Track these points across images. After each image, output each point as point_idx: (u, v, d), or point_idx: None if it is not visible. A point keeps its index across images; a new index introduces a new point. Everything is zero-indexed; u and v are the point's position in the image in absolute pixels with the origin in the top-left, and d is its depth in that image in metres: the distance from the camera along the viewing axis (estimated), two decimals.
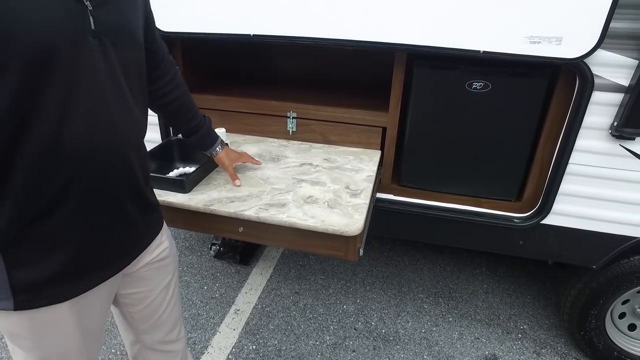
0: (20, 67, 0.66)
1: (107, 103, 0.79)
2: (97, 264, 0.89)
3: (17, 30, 0.64)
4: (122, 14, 0.82)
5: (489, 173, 1.66)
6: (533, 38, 1.32)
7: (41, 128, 0.71)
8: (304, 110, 1.81)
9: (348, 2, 1.41)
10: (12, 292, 0.79)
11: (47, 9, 0.68)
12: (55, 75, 0.70)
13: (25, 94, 0.68)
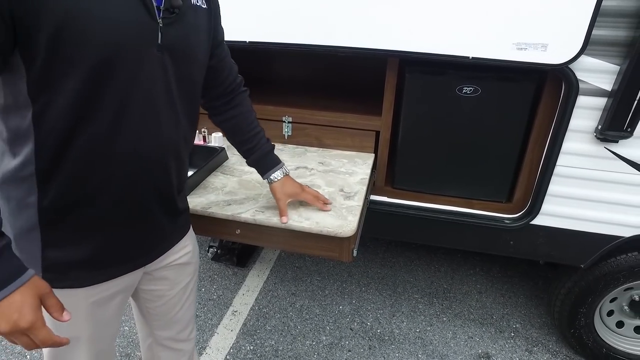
0: (90, 64, 0.71)
1: (158, 112, 0.85)
2: (120, 257, 0.94)
3: (92, 31, 0.69)
4: (188, 37, 0.87)
5: (480, 175, 1.70)
6: (520, 44, 1.36)
7: (96, 124, 0.77)
8: (299, 115, 1.85)
9: (341, 9, 1.45)
10: (42, 269, 0.85)
11: (122, 17, 0.73)
12: (117, 77, 0.75)
13: (89, 89, 0.73)
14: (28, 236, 0.83)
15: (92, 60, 0.71)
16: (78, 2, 0.67)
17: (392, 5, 1.40)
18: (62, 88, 0.72)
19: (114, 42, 0.72)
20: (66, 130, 0.75)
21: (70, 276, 0.88)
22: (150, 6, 0.77)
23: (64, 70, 0.70)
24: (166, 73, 0.84)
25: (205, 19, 0.95)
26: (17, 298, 0.70)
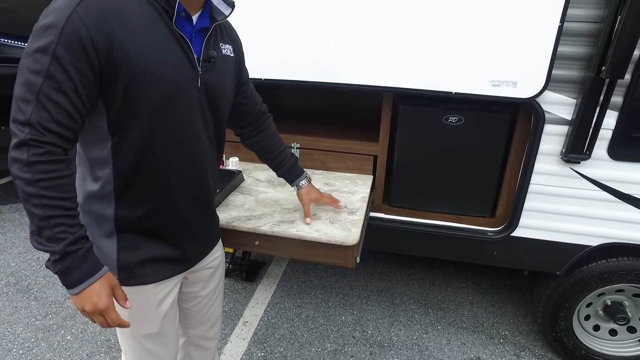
0: (151, 108, 0.94)
1: (199, 137, 1.08)
2: (175, 258, 1.15)
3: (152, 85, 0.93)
4: (219, 80, 1.11)
5: (466, 194, 1.94)
6: (494, 82, 1.63)
7: (157, 149, 0.99)
8: (306, 142, 2.09)
9: (344, 52, 1.72)
10: (117, 269, 1.05)
11: (174, 73, 0.96)
12: (170, 114, 0.98)
13: (152, 124, 0.96)
14: (107, 242, 1.04)
15: (153, 105, 0.94)
16: (144, 67, 0.90)
17: (387, 50, 1.67)
18: (132, 125, 0.95)
19: (168, 92, 0.96)
20: (137, 155, 0.98)
21: (139, 274, 1.08)
22: (193, 60, 1.00)
23: (133, 113, 0.93)
24: (203, 108, 1.07)
25: (232, 65, 1.19)
26: (97, 287, 0.92)
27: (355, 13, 1.65)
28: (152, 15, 0.92)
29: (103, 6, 0.84)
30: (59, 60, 0.81)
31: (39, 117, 0.82)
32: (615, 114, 1.60)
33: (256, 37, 1.77)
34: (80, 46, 0.82)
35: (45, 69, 0.81)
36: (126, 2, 0.89)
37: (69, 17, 0.81)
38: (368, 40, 1.67)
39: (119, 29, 0.86)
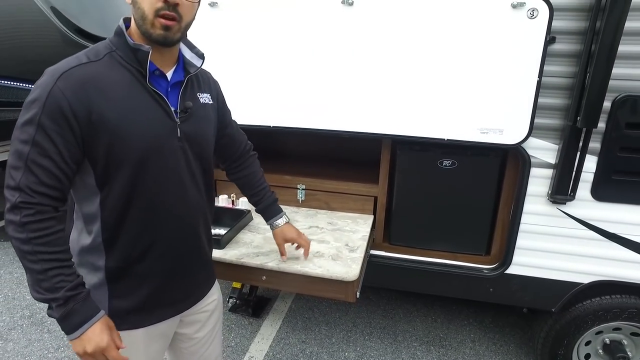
0: (134, 162, 1.03)
1: (183, 183, 1.14)
2: (166, 302, 1.20)
3: (132, 143, 1.01)
4: (199, 127, 1.18)
5: (462, 233, 2.05)
6: (483, 129, 1.78)
7: (141, 199, 1.07)
8: (311, 183, 2.24)
9: (346, 103, 1.90)
10: (110, 316, 1.09)
11: (153, 128, 1.05)
12: (152, 165, 1.06)
13: (135, 176, 1.04)
14: (99, 290, 1.11)
15: (134, 159, 1.03)
16: (121, 127, 0.99)
17: (385, 100, 1.84)
18: (117, 179, 1.03)
19: (148, 146, 1.04)
20: (122, 207, 1.06)
21: (130, 320, 1.13)
22: (170, 112, 1.08)
23: (117, 168, 1.02)
24: (186, 155, 1.13)
25: (211, 112, 1.26)
26: (97, 328, 1.01)
27: (356, 67, 1.84)
28: (127, 78, 1.02)
29: (80, 77, 0.96)
30: (43, 129, 0.93)
31: (27, 181, 0.93)
32: (595, 158, 1.74)
33: (265, 88, 1.97)
34: (61, 115, 0.93)
35: (32, 138, 0.92)
36: (102, 70, 1.00)
37: (51, 91, 0.93)
38: (368, 91, 1.86)
39: (96, 96, 0.96)
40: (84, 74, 0.97)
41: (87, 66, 0.99)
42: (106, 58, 1.02)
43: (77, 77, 0.96)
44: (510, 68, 1.69)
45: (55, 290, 0.95)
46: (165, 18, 0.99)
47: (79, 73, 0.97)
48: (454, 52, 1.72)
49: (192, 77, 1.18)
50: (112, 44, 1.05)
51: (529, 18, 1.62)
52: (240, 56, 1.96)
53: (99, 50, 1.04)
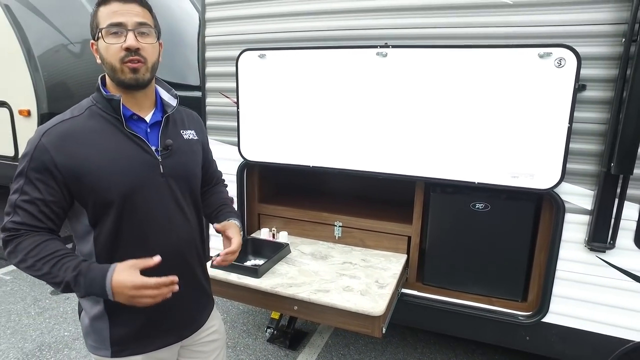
0: (120, 201, 1.11)
1: (170, 217, 1.21)
2: (164, 331, 1.25)
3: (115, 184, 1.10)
4: (182, 162, 1.24)
5: (496, 276, 2.03)
6: (513, 173, 1.82)
7: (131, 234, 1.15)
8: (347, 221, 2.35)
9: (380, 146, 2.02)
10: (110, 344, 1.19)
11: (134, 169, 1.13)
12: (138, 201, 1.14)
13: (122, 213, 1.12)
14: (100, 321, 1.19)
15: (119, 199, 1.11)
16: (101, 171, 1.08)
17: (419, 144, 1.94)
18: (106, 217, 1.12)
19: (130, 186, 1.12)
20: (113, 243, 1.14)
21: (130, 347, 1.20)
22: (151, 151, 1.16)
23: (104, 208, 1.11)
24: (171, 189, 1.20)
25: (197, 146, 1.33)
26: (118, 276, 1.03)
27: (390, 113, 1.98)
28: (106, 126, 1.13)
29: (61, 132, 1.08)
30: (29, 179, 1.06)
31: (12, 222, 1.07)
32: (637, 206, 1.69)
33: (306, 131, 2.15)
34: (44, 166, 1.06)
35: (21, 187, 1.07)
36: (83, 123, 1.12)
37: (36, 146, 1.06)
38: (402, 135, 1.97)
39: (75, 146, 1.08)
40: (65, 129, 1.10)
41: (69, 121, 1.12)
42: (87, 112, 1.15)
43: (58, 132, 1.09)
44: (540, 114, 1.73)
45: (64, 274, 1.05)
46: (131, 62, 1.11)
47: (60, 129, 1.10)
48: (485, 99, 1.80)
49: (173, 116, 1.27)
50: (93, 99, 1.18)
51: (557, 67, 1.68)
52: (285, 101, 2.18)
53: (82, 106, 1.17)
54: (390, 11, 1.95)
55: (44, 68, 3.20)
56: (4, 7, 3.26)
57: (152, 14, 1.20)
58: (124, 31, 1.10)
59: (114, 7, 1.11)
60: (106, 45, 1.11)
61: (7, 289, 3.37)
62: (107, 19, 1.11)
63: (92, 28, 1.15)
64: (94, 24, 1.14)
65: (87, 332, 1.24)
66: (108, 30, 1.10)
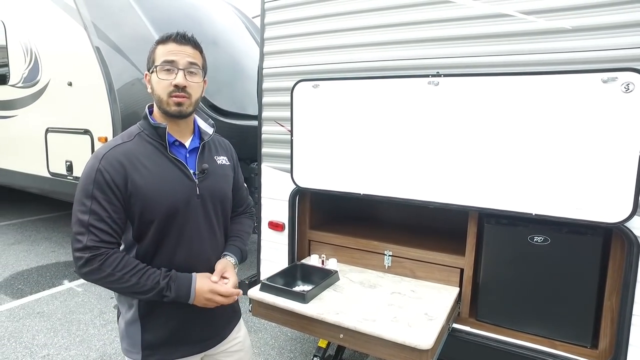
0: (161, 219, 1.26)
1: (201, 233, 1.34)
2: (190, 339, 1.36)
3: (160, 206, 1.25)
4: (216, 185, 1.39)
5: (560, 317, 1.86)
6: (576, 205, 1.70)
7: (167, 246, 1.29)
8: (397, 250, 2.30)
9: (431, 174, 1.99)
10: (141, 348, 1.30)
11: (176, 193, 1.28)
12: (176, 219, 1.28)
13: (162, 230, 1.27)
14: (133, 326, 1.31)
15: (162, 217, 1.26)
16: (149, 191, 1.23)
17: (472, 172, 1.89)
18: (148, 232, 1.27)
19: (173, 206, 1.27)
20: (152, 254, 1.28)
21: (159, 352, 1.31)
22: (189, 174, 1.31)
23: (148, 223, 1.26)
24: (205, 209, 1.34)
25: (229, 170, 1.47)
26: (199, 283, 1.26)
27: (442, 141, 1.95)
28: (152, 150, 1.28)
29: (116, 156, 1.23)
30: (96, 200, 1.19)
31: (91, 241, 1.18)
32: None
33: (357, 159, 2.18)
34: (108, 186, 1.20)
35: (89, 208, 1.19)
36: (134, 147, 1.26)
37: (97, 169, 1.20)
38: (454, 164, 1.93)
39: (129, 168, 1.22)
40: (119, 153, 1.24)
41: (121, 146, 1.26)
42: (136, 138, 1.29)
43: (114, 156, 1.23)
44: (606, 142, 1.63)
45: (157, 285, 1.21)
46: (177, 97, 1.26)
47: (115, 152, 1.24)
48: (543, 126, 1.73)
49: (209, 143, 1.42)
50: (140, 126, 1.33)
51: (624, 92, 1.58)
52: (337, 130, 2.23)
53: (131, 132, 1.32)
54: (443, 41, 1.96)
55: (121, 100, 3.56)
56: (95, 48, 3.69)
57: (203, 55, 1.35)
58: (176, 69, 1.25)
59: (170, 47, 1.26)
60: (158, 79, 1.26)
61: (79, 300, 3.65)
62: (162, 57, 1.26)
63: (149, 62, 1.30)
64: (151, 58, 1.29)
65: (122, 336, 1.36)
66: (162, 66, 1.25)
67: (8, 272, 4.26)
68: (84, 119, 3.86)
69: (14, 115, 4.63)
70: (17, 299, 3.67)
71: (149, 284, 1.21)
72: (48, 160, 4.24)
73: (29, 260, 4.60)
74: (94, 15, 3.74)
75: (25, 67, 4.39)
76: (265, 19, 2.48)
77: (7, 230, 5.65)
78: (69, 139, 4.01)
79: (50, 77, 4.16)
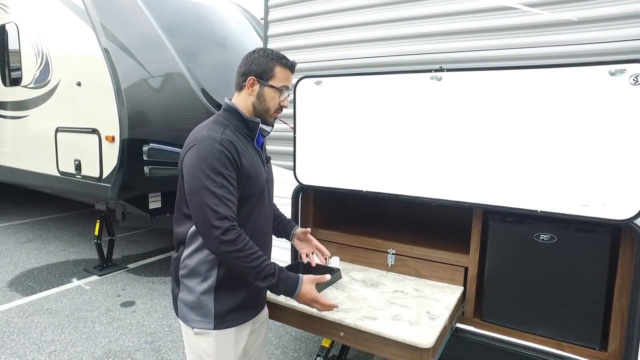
0: (258, 193, 1.48)
1: (266, 206, 1.57)
2: (250, 306, 1.54)
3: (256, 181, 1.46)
4: (271, 171, 1.64)
5: (567, 318, 1.81)
6: (582, 202, 1.65)
7: (251, 222, 1.47)
8: (401, 248, 2.27)
9: (434, 171, 1.96)
10: (213, 317, 1.45)
11: (260, 170, 1.50)
12: (261, 200, 1.51)
13: (254, 199, 1.48)
14: (207, 295, 1.45)
15: (257, 193, 1.49)
16: (250, 171, 1.43)
17: (476, 168, 1.85)
18: (244, 207, 1.44)
19: (262, 186, 1.51)
20: (245, 221, 1.44)
21: (228, 319, 1.47)
22: (263, 161, 1.54)
23: (246, 199, 1.45)
24: (269, 193, 1.59)
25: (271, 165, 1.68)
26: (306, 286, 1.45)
27: (445, 137, 1.92)
28: (243, 139, 1.47)
29: (227, 139, 1.39)
30: (223, 175, 1.34)
31: (228, 211, 1.32)
32: None
33: (359, 155, 2.15)
34: (230, 164, 1.36)
35: (222, 183, 1.33)
36: (233, 135, 1.43)
37: (219, 149, 1.36)
38: (458, 160, 1.90)
39: (237, 150, 1.39)
40: (228, 137, 1.40)
41: (225, 132, 1.42)
42: (228, 129, 1.45)
43: (227, 139, 1.39)
44: (613, 136, 1.58)
45: (271, 276, 1.37)
46: (278, 113, 1.53)
47: (225, 137, 1.39)
48: (548, 120, 1.69)
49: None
50: (226, 119, 1.48)
51: (633, 84, 1.53)
52: (339, 126, 2.21)
53: (219, 122, 1.46)
54: (447, 35, 1.93)
55: (128, 99, 3.59)
56: (104, 50, 3.73)
57: None
58: (287, 93, 1.51)
59: (287, 74, 1.49)
60: (273, 96, 1.47)
61: (87, 298, 3.69)
62: (282, 81, 1.48)
63: (265, 72, 1.45)
64: (267, 71, 1.45)
65: (192, 308, 1.47)
66: (281, 89, 1.48)
67: (19, 269, 4.33)
68: (92, 119, 3.90)
69: (26, 115, 4.72)
70: (26, 295, 3.72)
71: (264, 273, 1.35)
72: (58, 160, 4.30)
73: (39, 258, 4.66)
74: (102, 16, 3.79)
75: (36, 68, 4.47)
76: (269, 17, 2.48)
77: (20, 229, 5.75)
78: (78, 138, 4.06)
79: (60, 78, 4.22)
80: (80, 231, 5.70)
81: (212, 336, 1.45)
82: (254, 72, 1.45)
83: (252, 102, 1.48)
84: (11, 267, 4.38)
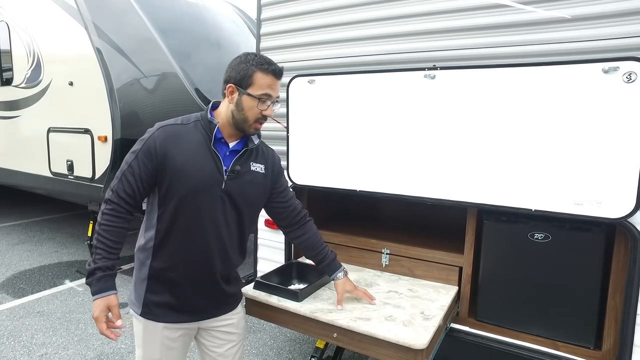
0: (184, 194, 1.38)
1: (215, 226, 1.44)
2: (181, 311, 1.48)
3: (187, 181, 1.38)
4: (242, 187, 1.47)
5: (562, 317, 1.80)
6: (576, 200, 1.64)
7: (183, 223, 1.41)
8: (395, 248, 2.25)
9: (428, 170, 1.94)
10: (142, 305, 1.45)
11: (204, 176, 1.40)
12: (195, 200, 1.40)
13: (182, 204, 1.39)
14: (141, 283, 1.46)
15: (185, 192, 1.38)
16: (181, 170, 1.36)
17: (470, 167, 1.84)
18: (170, 202, 1.39)
19: (195, 188, 1.38)
20: (170, 223, 1.41)
21: (155, 312, 1.46)
22: (221, 170, 1.42)
23: (172, 195, 1.39)
24: (224, 204, 1.44)
25: (261, 179, 1.53)
26: (98, 302, 1.36)
27: (439, 136, 1.91)
28: (200, 139, 1.41)
29: (169, 132, 1.39)
30: (137, 158, 1.36)
31: (116, 187, 1.37)
32: None
33: (352, 154, 2.14)
34: (150, 152, 1.36)
35: (130, 162, 1.37)
36: (185, 131, 1.40)
37: (151, 136, 1.38)
38: (452, 159, 1.88)
39: (172, 147, 1.37)
40: (172, 131, 1.40)
41: (177, 126, 1.42)
42: (192, 124, 1.44)
43: (168, 131, 1.39)
44: (607, 134, 1.57)
45: (92, 263, 1.36)
46: (259, 123, 1.42)
47: (170, 129, 1.40)
48: (542, 119, 1.68)
49: (252, 150, 1.50)
50: (200, 117, 1.47)
51: (626, 82, 1.52)
52: (332, 125, 2.19)
53: (190, 118, 1.46)
54: (440, 33, 1.92)
55: (120, 99, 3.55)
56: (96, 50, 3.70)
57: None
58: (269, 102, 1.40)
59: (269, 80, 1.39)
60: (251, 105, 1.38)
61: (79, 300, 3.65)
62: (262, 88, 1.38)
63: (243, 79, 1.38)
64: (246, 78, 1.38)
65: (133, 289, 1.50)
66: (260, 98, 1.38)
67: (11, 271, 4.27)
68: (85, 119, 3.86)
69: (18, 115, 4.67)
70: (18, 298, 3.68)
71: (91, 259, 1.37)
72: (50, 160, 4.25)
73: (31, 260, 4.61)
74: (95, 15, 3.75)
75: (28, 68, 4.42)
76: (262, 15, 2.46)
77: (12, 231, 5.69)
78: (70, 138, 4.02)
79: (52, 78, 4.18)
80: (74, 232, 5.65)
81: (141, 322, 1.48)
82: (232, 79, 1.39)
83: (232, 110, 1.40)
84: (2, 269, 4.33)
